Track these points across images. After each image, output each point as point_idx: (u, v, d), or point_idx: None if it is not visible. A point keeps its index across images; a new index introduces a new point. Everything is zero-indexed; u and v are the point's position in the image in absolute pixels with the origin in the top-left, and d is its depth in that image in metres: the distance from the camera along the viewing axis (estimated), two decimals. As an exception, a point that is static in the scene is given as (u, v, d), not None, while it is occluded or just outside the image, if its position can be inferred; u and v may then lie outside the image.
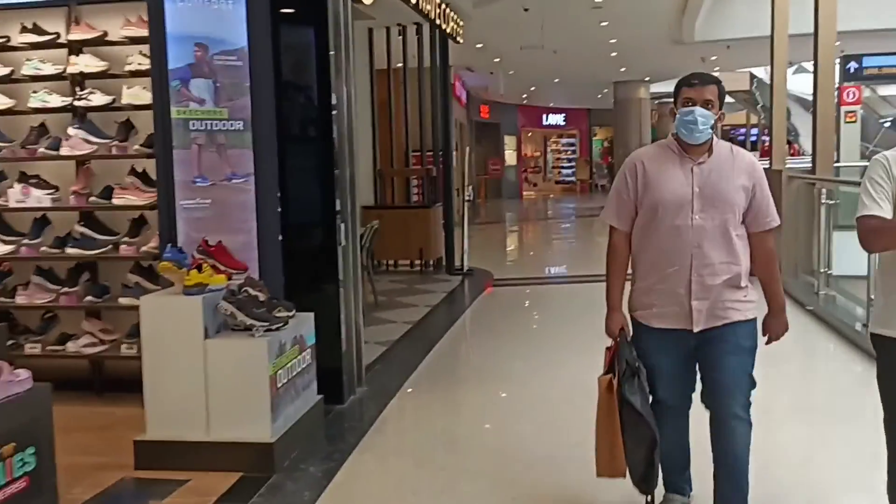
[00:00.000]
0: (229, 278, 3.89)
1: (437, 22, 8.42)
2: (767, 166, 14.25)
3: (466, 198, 9.80)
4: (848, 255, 6.89)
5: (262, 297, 3.83)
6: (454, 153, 10.88)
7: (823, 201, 6.92)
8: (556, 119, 30.27)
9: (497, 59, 15.28)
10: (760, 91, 24.66)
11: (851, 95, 12.48)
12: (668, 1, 11.41)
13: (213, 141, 4.15)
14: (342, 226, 4.62)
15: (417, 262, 9.73)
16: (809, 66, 19.19)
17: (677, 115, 2.74)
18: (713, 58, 15.81)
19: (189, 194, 4.14)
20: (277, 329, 3.69)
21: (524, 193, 28.97)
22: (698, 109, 2.69)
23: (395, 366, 5.41)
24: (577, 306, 7.63)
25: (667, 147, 2.82)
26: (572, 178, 31.27)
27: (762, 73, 24.17)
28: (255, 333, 3.60)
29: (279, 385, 3.67)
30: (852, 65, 13.81)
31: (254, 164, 4.21)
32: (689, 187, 2.72)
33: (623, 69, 17.68)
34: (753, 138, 38.67)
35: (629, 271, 2.94)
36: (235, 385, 3.57)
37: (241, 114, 4.19)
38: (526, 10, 10.44)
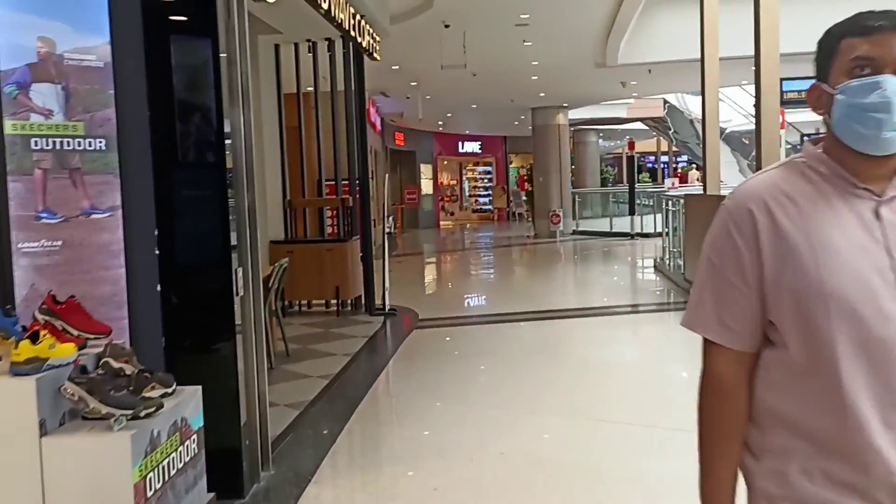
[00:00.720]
0: (83, 346, 2.91)
1: (352, 34, 7.57)
2: (694, 191, 14.00)
3: (386, 229, 8.93)
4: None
5: (128, 370, 2.86)
6: (370, 182, 10.01)
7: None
8: (473, 146, 29.83)
9: (414, 83, 14.54)
10: (672, 117, 24.85)
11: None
12: (594, 21, 10.91)
13: (65, 164, 3.17)
14: (240, 271, 3.68)
15: (334, 301, 8.78)
16: (722, 91, 19.17)
17: (838, 96, 1.28)
18: (633, 83, 15.52)
19: (31, 234, 3.14)
20: (148, 416, 2.73)
21: (441, 223, 28.32)
22: (892, 79, 1.24)
23: (310, 438, 4.46)
24: (515, 351, 6.84)
25: (808, 169, 1.34)
26: (489, 207, 30.82)
27: (674, 99, 24.38)
28: (115, 425, 2.63)
29: (150, 493, 2.69)
30: (773, 89, 13.66)
31: (121, 194, 3.25)
32: (881, 252, 1.25)
33: (542, 94, 17.23)
34: (664, 165, 39.44)
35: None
36: (85, 499, 2.58)
37: (101, 130, 3.23)
38: (447, 25, 9.73)
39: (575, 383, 5.59)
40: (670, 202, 11.95)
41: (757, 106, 7.48)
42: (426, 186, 27.80)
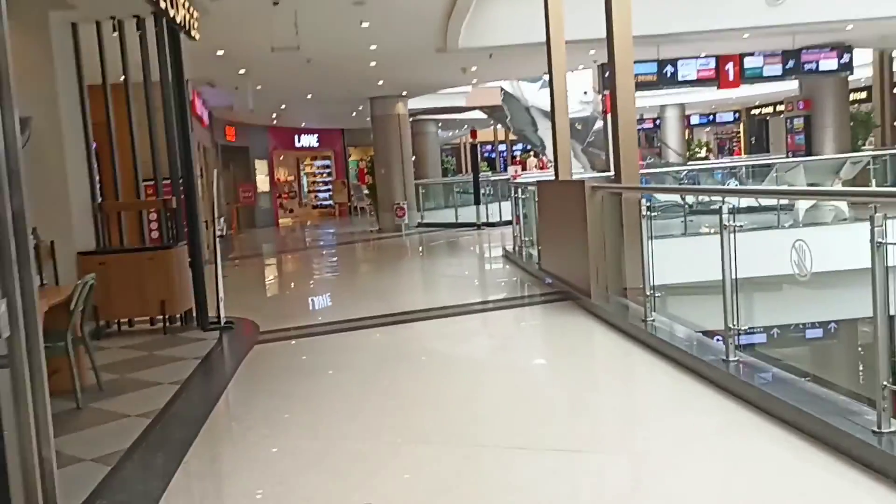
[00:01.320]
0: None
1: (163, 5, 6.50)
2: (547, 178, 13.78)
3: (218, 231, 7.89)
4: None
5: None
6: (199, 180, 8.89)
7: (645, 213, 6.02)
8: (310, 140, 28.67)
9: (243, 71, 13.39)
10: (509, 105, 24.90)
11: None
12: (434, 2, 10.32)
13: None
14: (2, 306, 2.70)
15: (160, 318, 7.67)
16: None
17: None
18: (473, 68, 15.14)
19: None
20: None
21: (280, 221, 27.02)
22: None
23: (125, 506, 3.52)
24: (371, 363, 6.10)
25: None
26: (330, 202, 29.80)
27: (510, 87, 24.43)
28: None
29: None
30: (611, 73, 13.68)
31: None
32: None
33: (381, 82, 16.53)
34: (504, 154, 39.90)
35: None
36: None
37: None
38: (276, 2, 8.79)
39: (443, 399, 4.93)
40: (520, 190, 11.61)
41: (612, 89, 7.13)
42: (262, 183, 26.40)
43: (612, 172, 13.98)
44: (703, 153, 33.68)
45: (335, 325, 7.65)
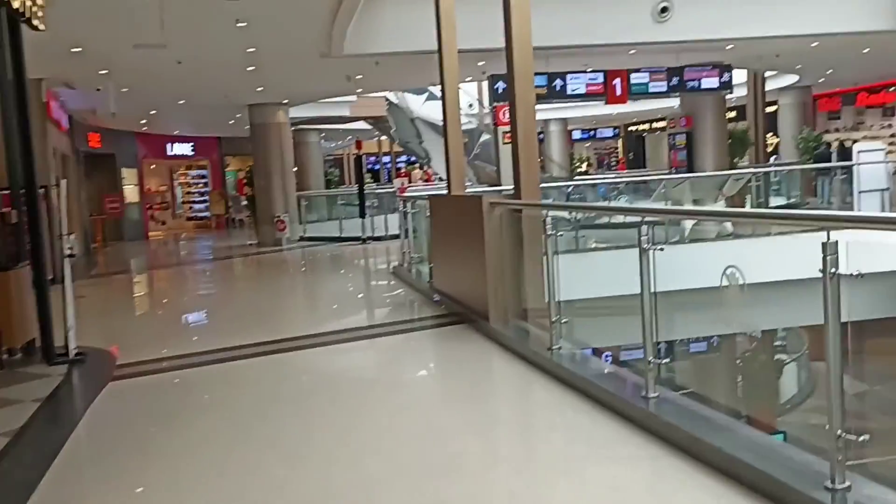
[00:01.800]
0: None
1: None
2: (438, 191, 13.24)
3: (67, 250, 6.88)
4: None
5: None
6: (57, 190, 7.81)
7: (550, 232, 5.54)
8: (184, 148, 27.14)
9: (104, 71, 12.21)
10: (394, 116, 24.36)
11: (508, 115, 11.87)
12: (318, 3, 9.61)
13: None
14: None
15: (-5, 351, 6.59)
16: (439, 91, 19.10)
17: None
18: (359, 77, 14.48)
19: None
20: None
21: (151, 233, 25.37)
22: None
23: None
24: (251, 402, 5.34)
25: None
26: (206, 214, 28.31)
27: (394, 97, 23.89)
28: None
29: None
30: (500, 84, 13.38)
31: None
32: None
33: (260, 88, 15.59)
34: (388, 166, 39.33)
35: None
36: None
37: None
38: (137, -7, 7.87)
39: (339, 452, 4.24)
40: (409, 203, 11.04)
41: (511, 101, 6.65)
42: (131, 194, 24.73)
43: (503, 187, 13.70)
44: (584, 167, 34.30)
45: (207, 355, 6.80)
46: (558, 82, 13.35)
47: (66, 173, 18.27)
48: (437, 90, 24.92)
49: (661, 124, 34.88)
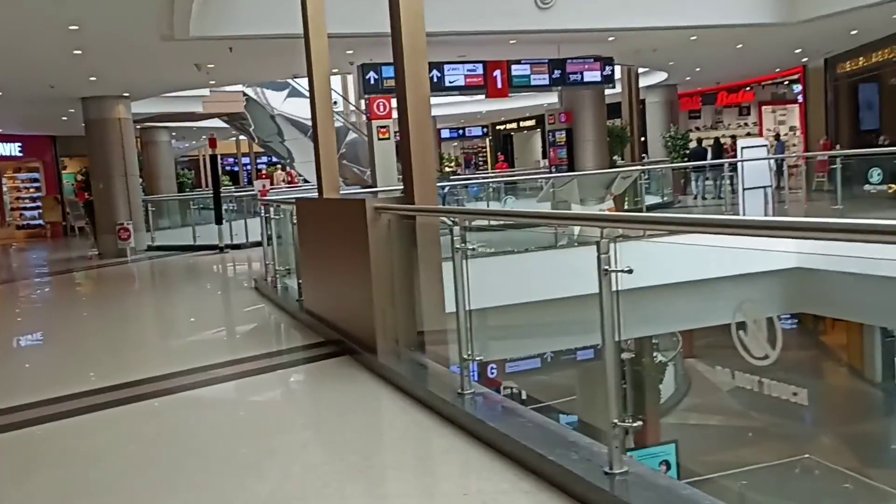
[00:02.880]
0: None
1: None
2: (306, 194, 11.78)
3: None
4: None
5: None
6: None
7: (459, 245, 4.33)
8: (11, 149, 24.06)
9: None
10: (252, 113, 22.54)
11: (382, 108, 10.61)
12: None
13: None
14: None
15: None
16: (302, 85, 17.77)
17: None
18: (210, 65, 12.78)
19: None
20: None
21: (-28, 245, 22.29)
22: None
23: None
24: (73, 488, 3.80)
25: None
26: (39, 222, 25.31)
27: (253, 93, 22.06)
28: None
29: None
30: (372, 75, 12.08)
31: None
32: None
33: (93, 78, 13.55)
34: (248, 167, 37.04)
35: None
36: None
37: None
38: None
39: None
40: (271, 208, 9.56)
41: (400, 93, 5.39)
42: (-54, 200, 21.58)
43: (380, 188, 12.40)
44: (452, 167, 33.52)
45: (36, 408, 5.14)
46: (435, 73, 12.20)
47: None
48: (300, 84, 23.45)
49: (530, 123, 34.66)
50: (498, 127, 36.44)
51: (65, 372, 6.37)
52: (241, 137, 31.30)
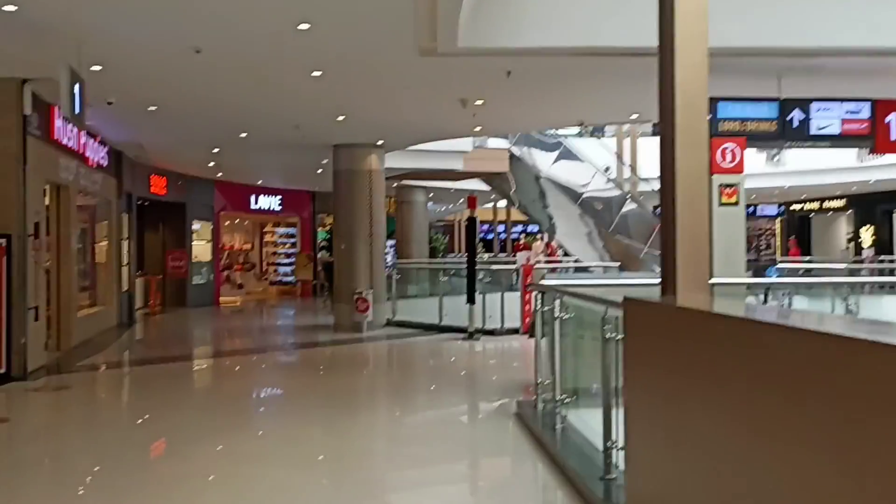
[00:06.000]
0: None
1: None
2: (648, 293, 8.30)
3: None
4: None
5: None
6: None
7: None
8: (270, 202, 23.36)
9: (96, 68, 8.14)
10: (516, 172, 19.80)
11: (730, 157, 6.97)
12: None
13: None
14: None
15: None
16: (575, 147, 14.28)
17: None
18: (479, 102, 9.93)
19: None
20: None
21: (222, 299, 21.50)
22: None
23: None
24: None
25: None
26: (291, 279, 24.38)
27: (518, 150, 19.37)
28: None
29: None
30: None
31: None
32: None
33: (341, 118, 11.33)
34: (502, 235, 34.42)
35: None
36: None
37: None
38: None
39: None
40: (555, 299, 6.14)
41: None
42: (202, 251, 21.03)
43: (716, 279, 8.61)
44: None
45: None
46: (797, 114, 8.26)
47: (110, 227, 14.62)
48: (575, 144, 20.37)
49: (837, 203, 28.79)
50: (793, 206, 30.92)
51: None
52: (500, 205, 28.93)
